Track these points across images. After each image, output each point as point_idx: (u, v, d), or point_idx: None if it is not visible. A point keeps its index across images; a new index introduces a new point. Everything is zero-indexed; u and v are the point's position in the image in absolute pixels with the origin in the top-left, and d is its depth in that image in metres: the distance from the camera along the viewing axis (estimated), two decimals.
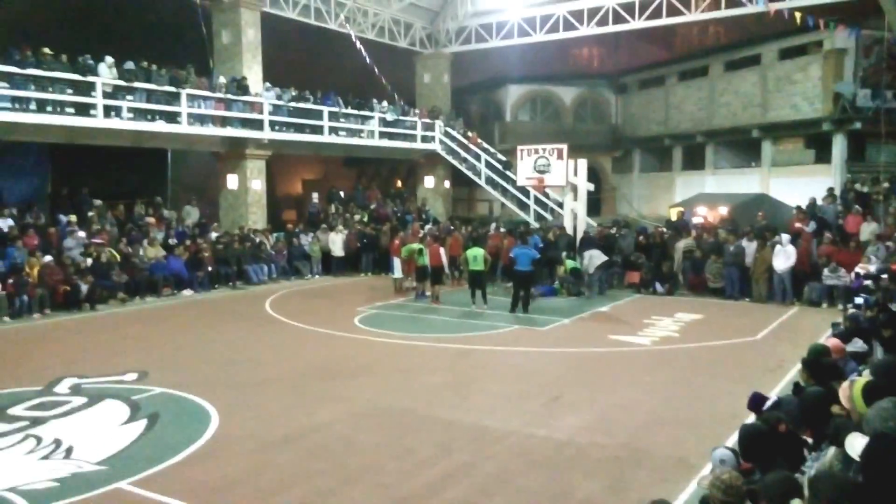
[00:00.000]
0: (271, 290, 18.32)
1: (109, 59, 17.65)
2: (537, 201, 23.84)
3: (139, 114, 18.14)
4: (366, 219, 23.81)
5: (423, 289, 16.80)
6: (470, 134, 27.40)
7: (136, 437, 7.45)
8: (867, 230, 16.45)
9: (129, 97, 17.85)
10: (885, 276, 9.85)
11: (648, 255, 18.33)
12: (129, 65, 18.07)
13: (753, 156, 27.39)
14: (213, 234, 20.02)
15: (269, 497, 5.99)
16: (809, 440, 4.60)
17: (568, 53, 33.82)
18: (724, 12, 22.75)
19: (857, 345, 6.83)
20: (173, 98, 18.75)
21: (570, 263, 17.26)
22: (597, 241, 18.41)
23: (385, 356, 11.28)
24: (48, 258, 15.42)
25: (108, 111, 17.39)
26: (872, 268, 12.23)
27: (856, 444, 2.68)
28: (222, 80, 20.61)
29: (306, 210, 26.49)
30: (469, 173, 26.15)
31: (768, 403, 4.77)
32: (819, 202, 19.19)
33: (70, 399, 8.77)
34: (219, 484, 6.25)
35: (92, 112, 17.05)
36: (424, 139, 26.32)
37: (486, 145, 26.97)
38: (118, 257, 16.80)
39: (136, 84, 17.96)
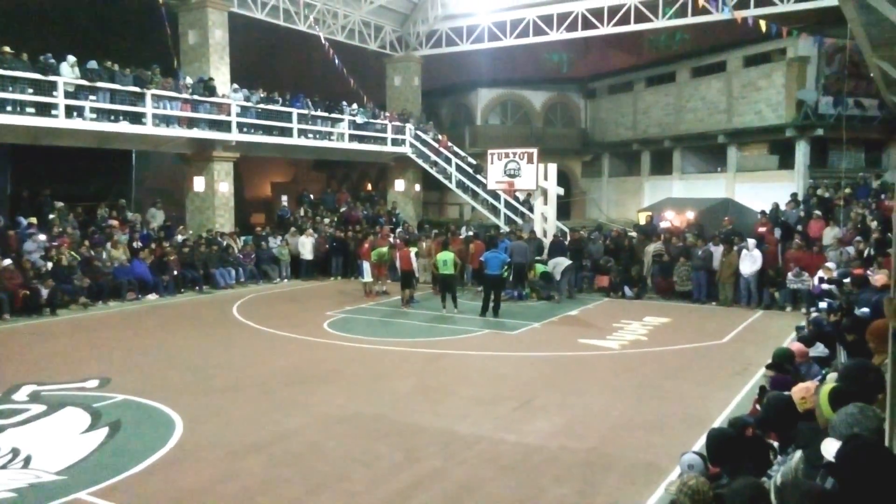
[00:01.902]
0: (239, 295, 18.07)
1: (72, 59, 17.29)
2: (508, 205, 23.91)
3: (102, 114, 17.78)
4: (336, 222, 23.65)
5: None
6: (440, 137, 27.40)
7: (96, 445, 7.26)
8: (829, 235, 16.79)
9: (92, 97, 17.50)
10: (847, 280, 10.04)
11: (617, 259, 18.48)
12: (92, 64, 17.71)
13: (719, 161, 27.86)
14: (179, 238, 19.69)
15: None
16: (775, 444, 4.65)
17: (538, 58, 34.04)
18: (690, 19, 23.09)
19: (820, 349, 6.94)
20: (138, 98, 18.42)
21: (539, 268, 17.32)
22: (565, 246, 18.52)
23: (354, 361, 11.17)
24: (7, 261, 15.02)
25: (70, 111, 17.04)
26: (835, 272, 12.46)
27: (830, 447, 2.70)
28: (189, 80, 20.31)
29: (275, 213, 26.23)
30: (439, 177, 26.14)
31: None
32: (782, 207, 19.54)
33: (29, 407, 8.51)
34: (182, 494, 6.11)
35: (53, 112, 16.68)
36: (395, 142, 26.25)
37: (456, 149, 26.99)
38: (79, 260, 16.41)
39: (100, 84, 17.61)
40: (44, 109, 16.58)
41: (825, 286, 11.62)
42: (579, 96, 33.65)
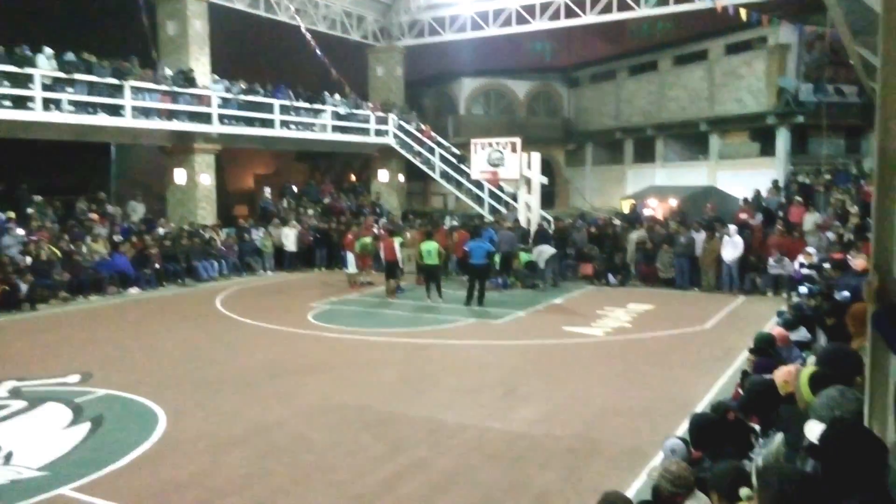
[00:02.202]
0: (222, 287, 17.95)
1: (48, 51, 17.02)
2: (492, 195, 23.89)
3: (81, 107, 17.52)
4: (319, 213, 23.52)
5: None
6: (423, 127, 27.29)
7: (79, 441, 7.19)
8: (809, 220, 16.96)
9: (69, 89, 17.23)
10: (827, 265, 10.14)
11: (601, 246, 18.56)
12: (70, 56, 17.45)
13: (701, 149, 27.99)
14: (161, 231, 19.50)
15: (218, 499, 5.84)
16: (757, 427, 4.69)
17: (521, 47, 33.98)
18: (672, 8, 23.12)
19: (802, 333, 7.01)
20: (116, 90, 18.16)
21: (524, 256, 17.35)
22: (550, 234, 18.56)
23: (339, 352, 11.14)
24: None
25: (47, 104, 16.76)
26: (815, 258, 12.58)
27: (814, 429, 2.72)
28: (168, 72, 20.06)
29: (258, 205, 26.05)
30: (423, 167, 26.04)
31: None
32: (764, 194, 19.70)
33: (9, 403, 8.42)
34: (166, 487, 6.07)
35: (30, 105, 16.41)
36: (378, 133, 26.11)
37: (439, 139, 26.88)
38: (59, 255, 16.21)
39: (77, 76, 17.34)
40: (20, 102, 16.28)
41: (805, 271, 11.75)
42: (562, 85, 33.63)
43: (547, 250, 17.15)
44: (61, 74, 17.02)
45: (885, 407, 2.86)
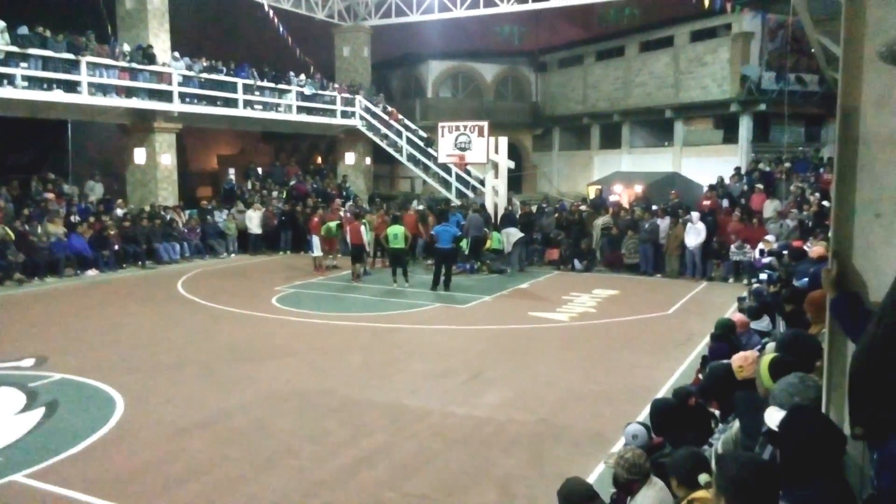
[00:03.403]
0: (184, 270, 17.63)
1: (1, 23, 16.42)
2: (459, 179, 23.83)
3: (35, 82, 17.00)
4: (284, 195, 23.21)
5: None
6: (391, 110, 27.06)
7: (32, 426, 7.01)
8: (770, 207, 17.26)
9: (23, 64, 16.70)
10: (786, 252, 10.32)
11: (567, 232, 18.65)
12: (23, 30, 16.87)
13: (666, 135, 28.27)
14: (119, 211, 19.05)
15: (177, 486, 5.74)
16: (717, 412, 4.75)
17: (489, 30, 33.83)
18: None
19: (765, 323, 7.11)
20: (72, 66, 17.64)
21: (496, 236, 17.30)
22: (516, 218, 18.60)
23: (303, 336, 11.03)
24: None
25: (0, 79, 16.17)
26: (775, 245, 12.80)
27: (774, 416, 2.74)
28: (126, 48, 19.49)
29: (222, 186, 25.60)
30: (390, 150, 25.85)
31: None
32: (727, 181, 19.98)
33: None
34: (123, 474, 5.94)
35: None
36: (344, 114, 25.82)
37: (407, 122, 26.70)
38: (13, 236, 15.72)
39: (31, 50, 16.80)
40: None
41: (765, 259, 11.94)
42: (530, 70, 33.61)
43: (514, 233, 17.19)
44: (14, 49, 16.48)
45: (844, 393, 2.90)
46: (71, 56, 17.54)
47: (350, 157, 27.77)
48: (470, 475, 5.96)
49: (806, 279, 6.71)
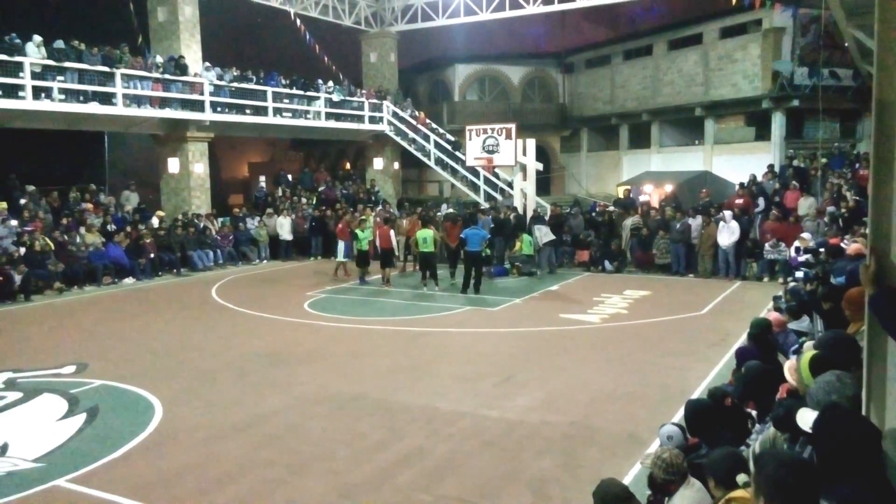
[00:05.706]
0: (217, 277, 17.90)
1: (37, 38, 16.87)
2: (487, 182, 23.83)
3: (71, 95, 17.41)
4: (314, 202, 23.44)
5: (363, 273, 16.58)
6: (418, 114, 27.17)
7: (74, 432, 7.17)
8: (805, 205, 16.94)
9: (59, 78, 17.11)
10: (823, 249, 10.13)
11: (597, 233, 18.53)
12: (59, 44, 17.29)
13: (697, 134, 27.93)
14: (155, 220, 19.42)
15: (215, 489, 5.83)
16: (753, 413, 4.69)
17: (515, 32, 33.81)
18: None
19: (804, 323, 6.98)
20: (107, 78, 18.04)
21: (526, 238, 17.24)
22: (545, 220, 18.53)
23: (335, 341, 11.12)
24: None
25: (37, 93, 16.66)
26: (811, 242, 12.57)
27: (806, 417, 2.70)
28: (159, 59, 19.89)
29: (253, 194, 25.93)
30: (418, 154, 25.95)
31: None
32: (759, 179, 19.67)
33: (4, 394, 8.38)
34: (162, 478, 6.06)
35: (20, 94, 16.32)
36: (372, 120, 25.99)
37: (434, 125, 26.78)
38: (52, 246, 16.13)
39: (67, 64, 17.22)
40: (10, 91, 16.18)
41: (802, 256, 11.73)
42: (557, 71, 33.47)
43: (546, 231, 17.11)
44: (51, 62, 16.89)
45: (883, 391, 2.85)
46: (106, 69, 17.94)
47: (378, 163, 27.94)
48: (503, 478, 5.95)
49: (843, 277, 6.57)
